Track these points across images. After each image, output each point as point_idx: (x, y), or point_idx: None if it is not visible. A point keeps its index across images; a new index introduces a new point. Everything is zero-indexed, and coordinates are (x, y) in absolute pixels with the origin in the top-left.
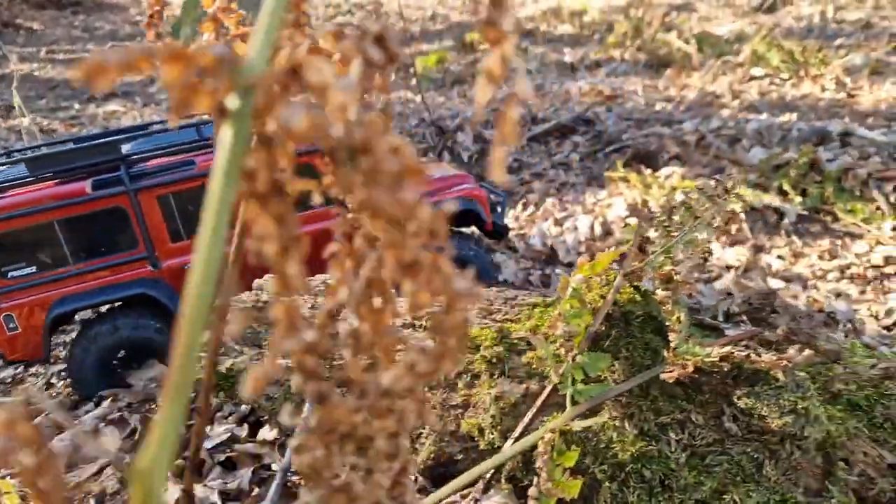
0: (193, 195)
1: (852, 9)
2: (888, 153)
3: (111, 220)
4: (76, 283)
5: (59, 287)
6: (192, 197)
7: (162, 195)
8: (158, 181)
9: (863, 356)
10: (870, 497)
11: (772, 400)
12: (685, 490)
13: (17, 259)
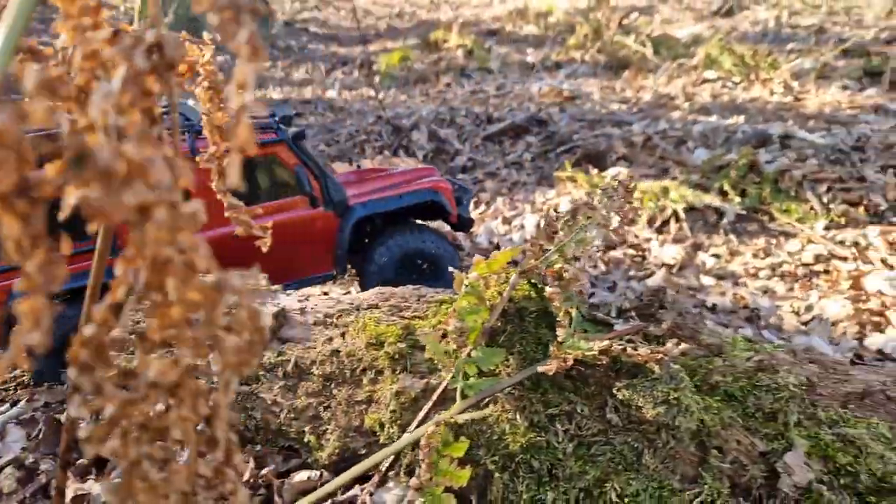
0: None
1: (806, 14)
2: (825, 155)
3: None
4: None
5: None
6: None
7: None
8: None
9: (742, 349)
10: (742, 483)
11: (647, 391)
12: (570, 479)
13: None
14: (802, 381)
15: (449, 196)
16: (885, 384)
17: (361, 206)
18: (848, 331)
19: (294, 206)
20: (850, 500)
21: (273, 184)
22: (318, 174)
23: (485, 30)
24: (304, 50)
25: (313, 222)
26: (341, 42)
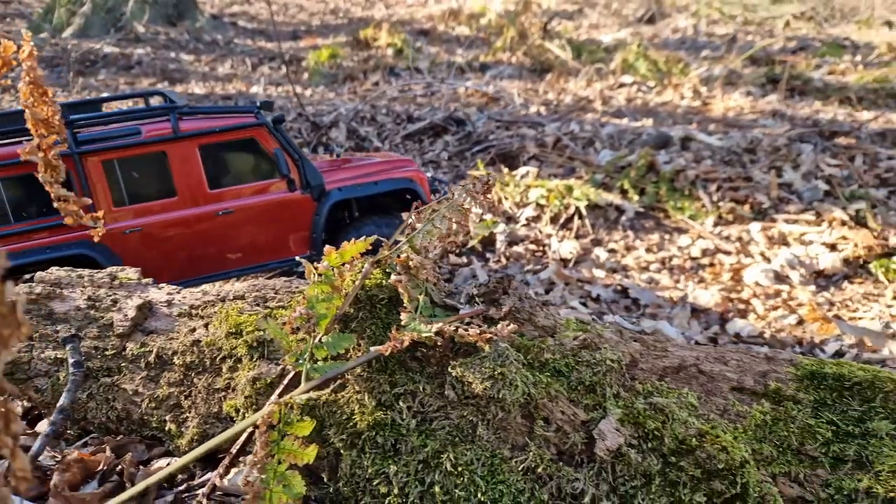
0: (138, 161)
1: (723, 24)
2: (720, 157)
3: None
4: (16, 242)
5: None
6: (136, 163)
7: (107, 160)
8: (104, 146)
9: (574, 330)
10: (566, 449)
11: (477, 368)
12: (412, 452)
13: None
14: (621, 357)
15: (425, 185)
16: (697, 359)
17: (338, 190)
18: (711, 317)
19: (272, 189)
20: (655, 459)
21: (252, 166)
22: (297, 158)
23: (417, 29)
24: (231, 44)
25: (290, 205)
26: (270, 37)
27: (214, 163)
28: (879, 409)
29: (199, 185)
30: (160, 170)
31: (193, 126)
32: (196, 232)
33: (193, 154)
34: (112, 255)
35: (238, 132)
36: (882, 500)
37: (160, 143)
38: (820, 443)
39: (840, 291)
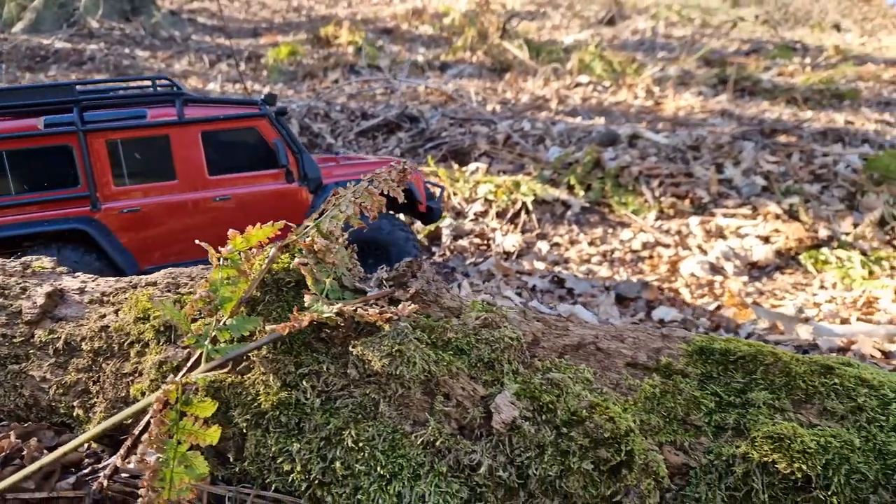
0: (141, 143)
1: (680, 26)
2: (666, 154)
3: (58, 158)
4: (15, 213)
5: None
6: (139, 145)
7: (111, 139)
8: (108, 125)
9: (479, 310)
10: (466, 423)
11: (376, 346)
12: (315, 430)
13: None
14: (521, 335)
15: (420, 186)
16: (596, 337)
17: (335, 184)
18: (638, 305)
19: (270, 179)
20: (548, 431)
21: (252, 156)
22: (296, 151)
23: (380, 28)
24: (188, 41)
25: (287, 196)
26: (230, 34)
27: (215, 150)
28: (760, 381)
29: (199, 171)
30: (162, 153)
31: (197, 113)
32: (193, 216)
33: (196, 140)
34: (108, 233)
35: (241, 121)
36: (756, 463)
37: (164, 126)
38: (704, 413)
39: (771, 281)
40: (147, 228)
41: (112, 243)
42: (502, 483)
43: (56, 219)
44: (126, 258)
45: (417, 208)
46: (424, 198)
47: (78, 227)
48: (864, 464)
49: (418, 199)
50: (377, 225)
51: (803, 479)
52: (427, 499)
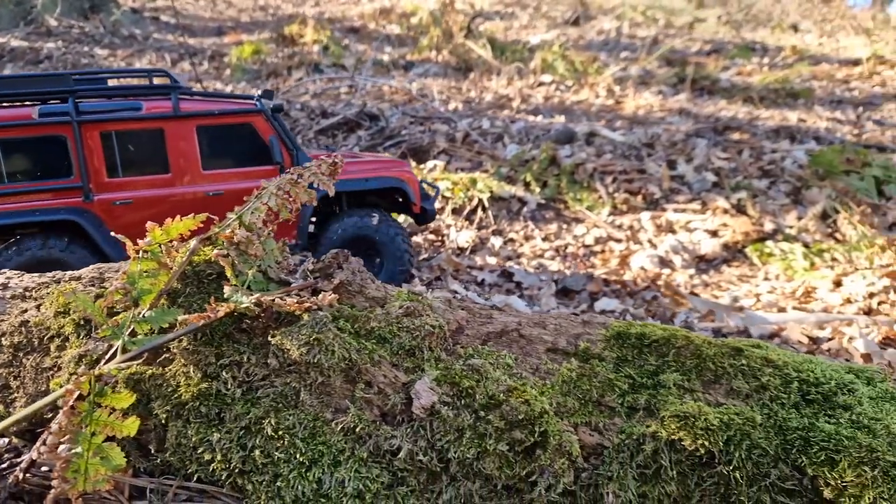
0: (135, 136)
1: (645, 26)
2: (621, 151)
3: (52, 148)
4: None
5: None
6: (133, 137)
7: (105, 131)
8: (103, 117)
9: (403, 300)
10: (387, 409)
11: (294, 335)
12: (236, 419)
13: None
14: (443, 323)
15: (415, 187)
16: (519, 324)
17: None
18: (582, 297)
19: (264, 175)
20: (468, 415)
21: (246, 152)
22: (291, 147)
23: (347, 27)
24: (150, 39)
25: None
26: (194, 32)
27: (210, 145)
28: (671, 363)
29: (193, 165)
30: (156, 146)
31: (193, 107)
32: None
33: (191, 134)
34: (99, 224)
35: (236, 117)
36: (664, 441)
37: (159, 119)
38: (618, 394)
39: (718, 274)
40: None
41: (103, 235)
42: (424, 467)
43: (48, 209)
44: (117, 250)
45: (412, 209)
46: (419, 198)
47: (70, 217)
48: (765, 439)
49: (412, 199)
50: (364, 223)
51: (707, 454)
52: (347, 484)
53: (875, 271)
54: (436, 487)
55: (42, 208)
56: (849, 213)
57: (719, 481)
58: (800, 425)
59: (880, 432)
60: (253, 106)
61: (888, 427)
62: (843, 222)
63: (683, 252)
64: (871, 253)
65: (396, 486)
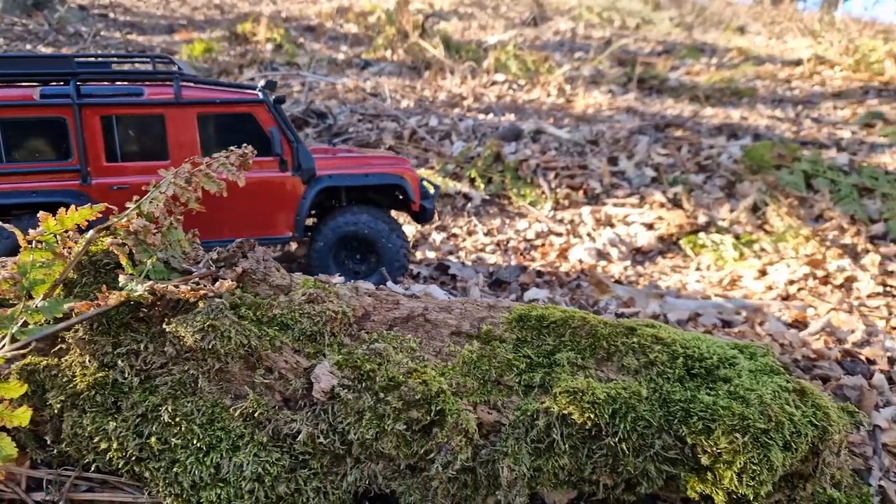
0: (136, 121)
1: (600, 28)
2: (567, 148)
3: (52, 130)
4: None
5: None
6: (134, 122)
7: (105, 115)
8: (104, 101)
9: (307, 287)
10: (288, 394)
11: (190, 322)
12: (132, 408)
13: None
14: (346, 309)
15: (415, 185)
16: (426, 309)
17: (328, 176)
18: (513, 288)
19: (263, 166)
20: (368, 397)
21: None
22: (292, 140)
23: (303, 25)
24: (97, 37)
25: (279, 185)
26: (144, 30)
27: (210, 133)
28: (568, 342)
29: (193, 153)
30: (156, 132)
31: (195, 95)
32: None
33: (191, 121)
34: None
35: (237, 106)
36: (556, 416)
37: (160, 105)
38: (515, 373)
39: (653, 265)
40: None
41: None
42: (327, 450)
43: (46, 190)
44: None
45: (411, 206)
46: (419, 196)
47: (66, 200)
48: (650, 411)
49: (412, 197)
50: (357, 219)
51: (595, 427)
52: (246, 468)
53: (799, 260)
54: (340, 470)
55: (39, 189)
56: (777, 205)
57: (608, 452)
58: (682, 398)
59: (753, 402)
60: (255, 96)
61: (761, 397)
62: (772, 214)
63: (620, 244)
64: (796, 243)
65: (298, 469)
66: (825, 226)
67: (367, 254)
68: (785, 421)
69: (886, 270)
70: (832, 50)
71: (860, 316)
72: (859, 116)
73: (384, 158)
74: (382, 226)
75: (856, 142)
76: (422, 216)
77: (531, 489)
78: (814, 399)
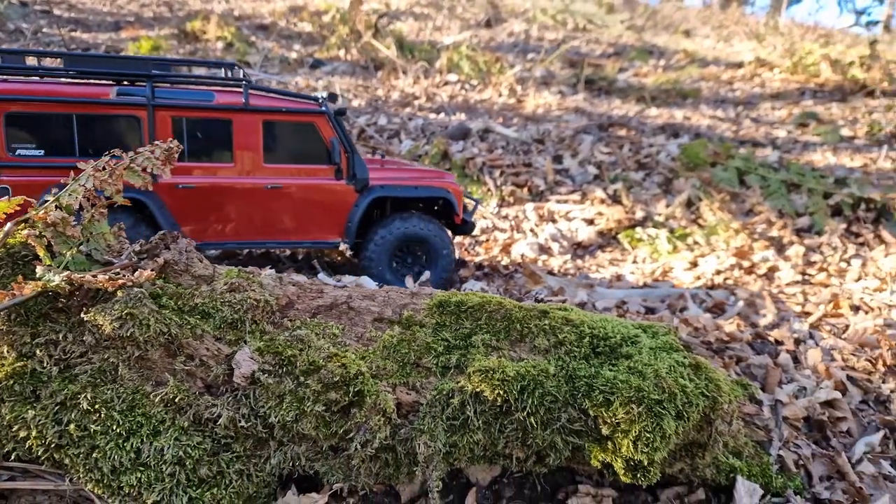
0: (205, 124)
1: (554, 30)
2: (513, 147)
3: (124, 127)
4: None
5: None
6: (203, 125)
7: (176, 117)
8: (177, 103)
9: (230, 277)
10: (209, 381)
11: (108, 311)
12: (51, 396)
13: (29, 140)
14: (268, 297)
15: (459, 198)
16: (350, 297)
17: (380, 187)
18: (452, 279)
19: (320, 174)
20: (289, 381)
21: (306, 150)
22: (349, 150)
23: (256, 24)
24: (38, 34)
25: (334, 192)
26: (89, 27)
27: (273, 140)
28: (483, 325)
29: (256, 157)
30: (223, 136)
31: (262, 102)
32: (244, 200)
33: (257, 127)
34: (161, 205)
35: (301, 116)
36: (469, 394)
37: (229, 111)
38: (433, 356)
39: (593, 259)
40: (197, 206)
41: (164, 216)
42: (249, 433)
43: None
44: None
45: (454, 219)
46: (462, 210)
47: (135, 197)
48: (556, 387)
49: (456, 210)
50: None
51: (504, 403)
52: (166, 452)
53: (728, 252)
54: (263, 453)
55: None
56: (710, 200)
57: (518, 427)
58: (587, 374)
59: (650, 375)
60: (318, 107)
61: (657, 371)
62: (705, 209)
63: (562, 239)
64: (727, 236)
65: (221, 453)
66: (754, 219)
67: (417, 255)
68: (678, 392)
69: (809, 261)
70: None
71: (778, 302)
72: (795, 116)
73: (430, 172)
74: (436, 229)
75: (790, 141)
76: (462, 228)
77: (450, 465)
78: (707, 373)
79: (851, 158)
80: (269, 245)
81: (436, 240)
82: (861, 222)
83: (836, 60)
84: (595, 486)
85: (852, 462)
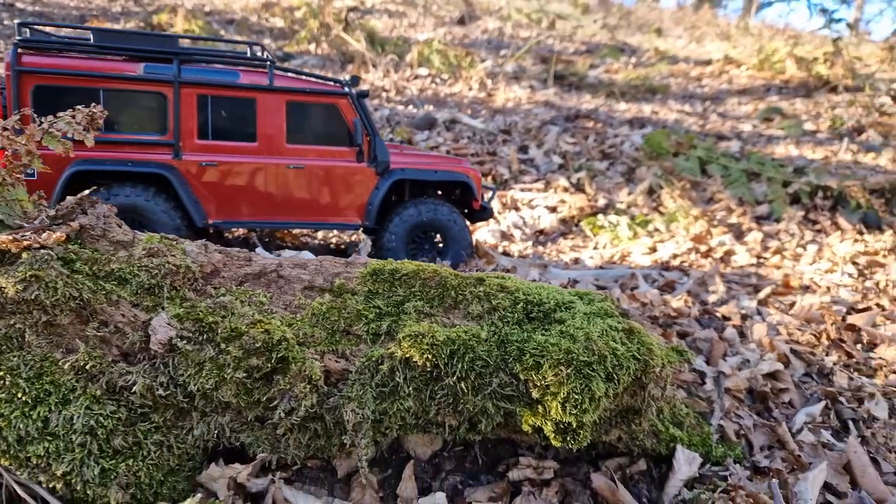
0: (229, 102)
1: (528, 28)
2: (480, 137)
3: (151, 104)
4: (101, 150)
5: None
6: (227, 103)
7: (202, 94)
8: (202, 80)
9: (150, 243)
10: (125, 348)
11: (12, 273)
12: None
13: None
14: (188, 263)
15: (478, 183)
16: (280, 266)
17: (401, 170)
18: None
19: (342, 156)
20: (210, 348)
21: (329, 131)
22: (371, 133)
23: (226, 18)
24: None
25: (356, 174)
26: (53, 20)
27: (297, 120)
28: (417, 292)
29: (279, 137)
30: (247, 115)
31: (286, 83)
32: (265, 179)
33: (281, 108)
34: (184, 182)
35: (325, 97)
36: (399, 360)
37: (254, 90)
38: (364, 323)
39: (554, 245)
40: (220, 184)
41: (187, 192)
42: (169, 403)
43: (140, 161)
44: (197, 209)
45: (472, 204)
46: (480, 196)
47: (160, 171)
48: (487, 352)
49: (475, 196)
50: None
51: (434, 368)
52: (76, 421)
53: (687, 237)
54: (185, 424)
55: (134, 160)
56: (671, 188)
57: (449, 392)
58: (519, 338)
59: (580, 338)
60: (341, 89)
61: (588, 334)
62: (666, 197)
63: (524, 226)
64: (687, 223)
65: (138, 423)
66: (714, 207)
67: (434, 239)
68: (608, 354)
69: (766, 247)
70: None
71: (730, 282)
72: (760, 111)
73: (449, 159)
74: (452, 214)
75: (755, 134)
76: (479, 214)
77: (382, 433)
78: (640, 337)
79: (813, 151)
80: (290, 225)
81: (453, 225)
82: (818, 210)
83: (802, 58)
84: (537, 458)
85: (793, 431)
